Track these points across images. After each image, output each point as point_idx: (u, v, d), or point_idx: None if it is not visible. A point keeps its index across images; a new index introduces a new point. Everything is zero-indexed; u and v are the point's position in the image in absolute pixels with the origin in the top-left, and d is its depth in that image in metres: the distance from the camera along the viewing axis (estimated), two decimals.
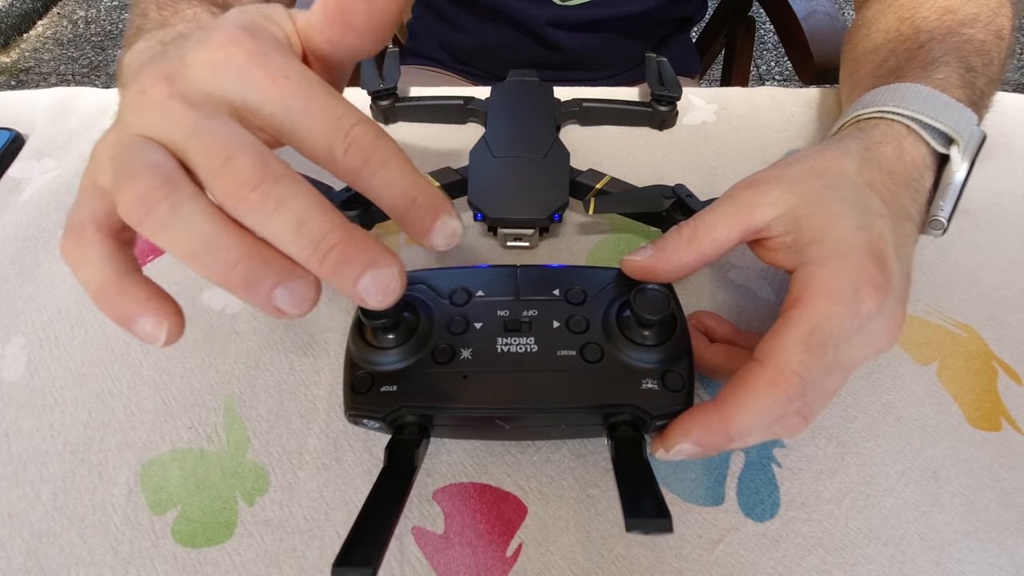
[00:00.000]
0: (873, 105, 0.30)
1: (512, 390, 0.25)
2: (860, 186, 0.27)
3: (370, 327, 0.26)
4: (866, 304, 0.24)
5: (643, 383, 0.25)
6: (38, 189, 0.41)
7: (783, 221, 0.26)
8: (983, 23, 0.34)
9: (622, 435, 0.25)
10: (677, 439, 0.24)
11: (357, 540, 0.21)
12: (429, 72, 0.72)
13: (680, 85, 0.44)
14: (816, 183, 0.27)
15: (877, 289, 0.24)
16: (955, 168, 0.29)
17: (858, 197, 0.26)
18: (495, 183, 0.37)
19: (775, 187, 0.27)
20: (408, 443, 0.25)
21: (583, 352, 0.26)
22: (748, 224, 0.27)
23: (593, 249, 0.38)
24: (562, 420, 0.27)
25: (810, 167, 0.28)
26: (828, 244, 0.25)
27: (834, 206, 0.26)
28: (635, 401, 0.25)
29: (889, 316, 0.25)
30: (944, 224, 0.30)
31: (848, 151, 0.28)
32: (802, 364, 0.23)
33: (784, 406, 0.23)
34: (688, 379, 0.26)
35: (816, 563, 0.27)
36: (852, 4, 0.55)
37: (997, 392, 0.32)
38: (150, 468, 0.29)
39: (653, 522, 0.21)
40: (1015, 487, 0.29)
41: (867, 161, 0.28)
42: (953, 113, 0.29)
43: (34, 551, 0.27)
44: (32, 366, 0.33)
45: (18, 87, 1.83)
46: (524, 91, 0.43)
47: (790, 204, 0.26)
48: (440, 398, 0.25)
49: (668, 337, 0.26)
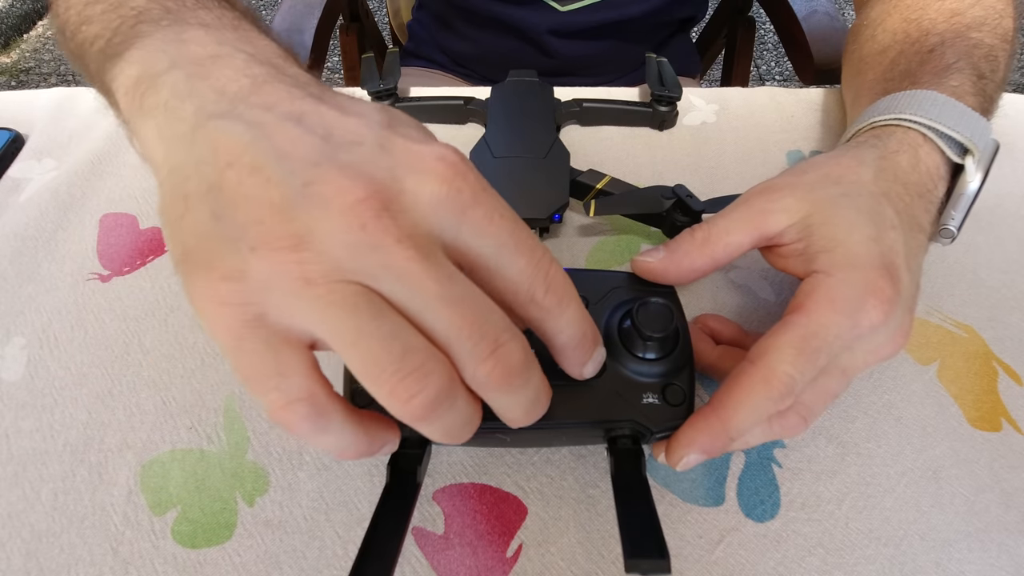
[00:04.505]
0: (890, 112, 0.30)
1: None
2: (876, 195, 0.26)
3: None
4: (869, 316, 0.24)
5: (644, 397, 0.25)
6: (38, 189, 0.41)
7: (796, 228, 0.26)
8: (990, 27, 0.34)
9: (622, 448, 0.25)
10: (683, 451, 0.24)
11: (366, 561, 0.21)
12: (429, 73, 0.72)
13: (680, 85, 0.44)
14: (831, 191, 0.27)
15: (885, 302, 0.24)
16: (969, 179, 0.29)
17: (873, 207, 0.26)
18: (495, 183, 0.36)
19: (789, 194, 0.27)
20: (410, 458, 0.25)
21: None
22: (762, 231, 0.27)
23: (593, 249, 0.38)
24: (562, 434, 0.27)
25: (825, 175, 0.28)
26: (839, 254, 0.25)
27: (848, 215, 0.26)
28: (636, 416, 0.25)
29: (896, 326, 0.25)
30: (954, 233, 0.30)
31: (864, 159, 0.28)
32: (794, 365, 0.23)
33: (776, 403, 0.23)
34: (689, 392, 0.26)
35: (816, 563, 0.27)
36: (852, 4, 0.55)
37: (997, 392, 0.32)
38: (150, 468, 0.29)
39: (652, 563, 0.21)
40: (1015, 487, 0.29)
41: (883, 171, 0.28)
42: (969, 123, 0.29)
43: (34, 551, 0.27)
44: (32, 366, 0.33)
45: (18, 87, 1.83)
46: (524, 91, 0.43)
47: (804, 212, 0.26)
48: None
49: (671, 350, 0.26)
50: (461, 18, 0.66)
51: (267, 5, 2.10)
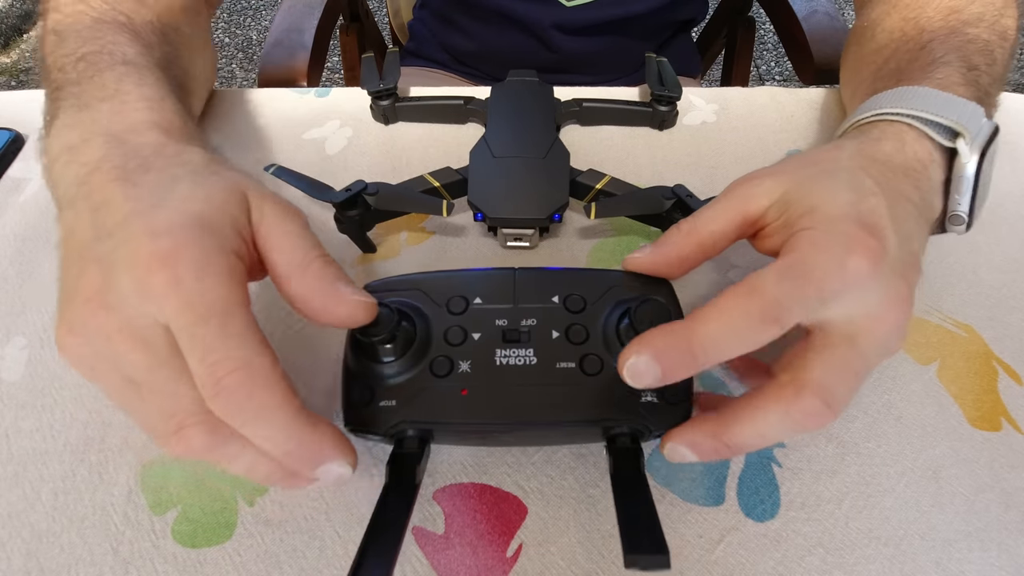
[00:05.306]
0: (871, 110, 0.31)
1: (512, 405, 0.25)
2: (852, 169, 0.27)
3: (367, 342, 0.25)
4: (855, 261, 0.23)
5: (642, 396, 0.25)
6: (38, 189, 0.41)
7: (777, 207, 0.26)
8: (988, 23, 0.34)
9: (621, 447, 0.25)
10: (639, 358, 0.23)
11: (365, 559, 0.21)
12: (429, 73, 0.72)
13: (680, 85, 0.44)
14: (809, 170, 0.27)
15: (869, 250, 0.23)
16: (964, 160, 0.29)
17: (850, 178, 0.26)
18: (495, 183, 0.37)
19: (768, 177, 0.27)
20: (409, 458, 0.25)
21: (583, 364, 0.26)
22: (744, 213, 0.27)
23: (593, 249, 0.38)
24: (561, 433, 0.27)
25: (803, 161, 0.28)
26: (819, 213, 0.25)
27: (825, 184, 0.26)
28: (634, 415, 0.25)
29: (887, 287, 0.24)
30: (964, 218, 0.29)
31: (842, 147, 0.29)
32: (777, 285, 0.22)
33: (754, 319, 0.22)
34: (687, 391, 0.26)
35: (816, 563, 0.27)
36: (852, 4, 0.55)
37: (997, 392, 0.32)
38: (150, 468, 0.29)
39: (652, 559, 0.21)
40: (1015, 487, 0.29)
41: (860, 152, 0.28)
42: (955, 107, 0.29)
43: (34, 551, 0.27)
44: (32, 366, 0.33)
45: (18, 87, 1.83)
46: (524, 91, 0.43)
47: (783, 190, 0.26)
48: (439, 413, 0.25)
49: None
50: (465, 13, 0.66)
51: (267, 5, 2.10)
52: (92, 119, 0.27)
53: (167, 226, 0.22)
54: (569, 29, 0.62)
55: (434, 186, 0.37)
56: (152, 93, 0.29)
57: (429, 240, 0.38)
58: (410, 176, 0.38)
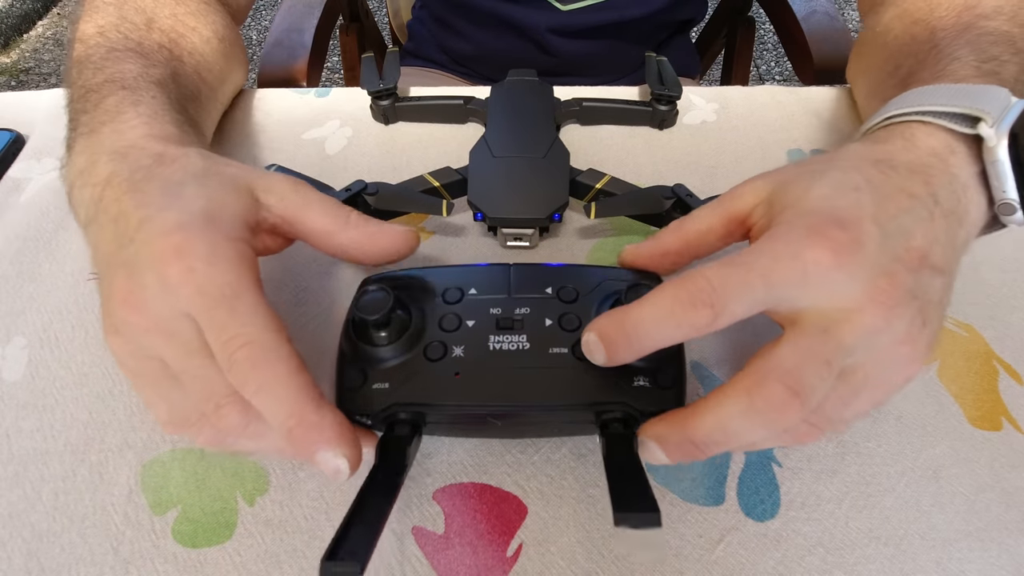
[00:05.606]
0: (878, 117, 0.30)
1: (504, 388, 0.25)
2: (844, 168, 0.26)
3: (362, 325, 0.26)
4: (814, 252, 0.22)
5: (634, 380, 0.25)
6: (39, 189, 0.41)
7: (762, 206, 0.27)
8: (1007, 15, 0.33)
9: (613, 432, 0.25)
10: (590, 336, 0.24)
11: (346, 535, 0.21)
12: (429, 73, 0.72)
13: (680, 84, 0.44)
14: (800, 171, 0.27)
15: (832, 240, 0.23)
16: (991, 143, 0.26)
17: (837, 176, 0.26)
18: (495, 183, 0.37)
19: (761, 178, 0.28)
20: (399, 440, 0.25)
21: (575, 350, 0.26)
22: (730, 211, 0.27)
23: (593, 249, 0.38)
24: (554, 417, 0.27)
25: (801, 162, 0.28)
26: (793, 209, 0.25)
27: (808, 181, 0.26)
28: (626, 399, 0.25)
29: (864, 281, 0.23)
30: (1015, 206, 0.27)
31: (843, 149, 0.28)
32: (714, 271, 0.22)
33: (682, 302, 0.22)
34: (679, 375, 0.26)
35: (816, 563, 0.27)
36: (852, 4, 0.55)
37: (998, 391, 0.32)
38: (151, 468, 0.29)
39: (642, 516, 0.21)
40: (1016, 487, 0.29)
41: (857, 154, 0.28)
42: (969, 94, 0.28)
43: (35, 551, 0.27)
44: (33, 366, 0.33)
45: (18, 87, 1.83)
46: (524, 91, 0.43)
47: (769, 190, 0.27)
48: (432, 396, 0.25)
49: None
50: (462, 17, 0.66)
51: (267, 5, 2.10)
52: (98, 142, 0.29)
53: (177, 224, 0.24)
54: (565, 33, 0.62)
55: (434, 186, 0.37)
56: (147, 110, 0.31)
57: (429, 240, 0.38)
58: (410, 176, 0.39)
